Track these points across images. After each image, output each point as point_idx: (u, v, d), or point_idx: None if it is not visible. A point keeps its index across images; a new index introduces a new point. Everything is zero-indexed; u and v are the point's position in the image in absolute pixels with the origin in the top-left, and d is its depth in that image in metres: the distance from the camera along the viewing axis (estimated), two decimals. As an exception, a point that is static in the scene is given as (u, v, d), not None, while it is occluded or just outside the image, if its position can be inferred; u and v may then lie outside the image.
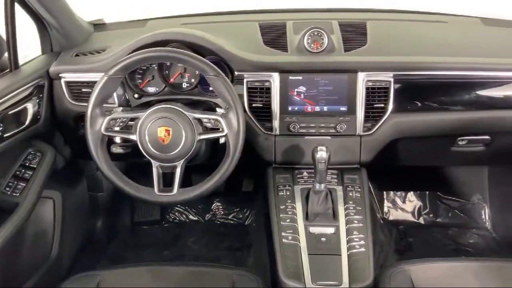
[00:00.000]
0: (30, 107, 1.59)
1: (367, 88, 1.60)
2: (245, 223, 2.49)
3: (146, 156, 1.41)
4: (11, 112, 1.49)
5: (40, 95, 1.65)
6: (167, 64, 1.67)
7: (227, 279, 1.39)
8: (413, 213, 2.48)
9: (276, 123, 1.65)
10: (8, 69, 1.61)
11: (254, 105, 1.64)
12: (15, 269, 1.68)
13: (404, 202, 2.50)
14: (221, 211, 2.54)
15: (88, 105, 1.38)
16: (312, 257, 1.40)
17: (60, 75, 1.68)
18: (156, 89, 1.68)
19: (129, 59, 1.37)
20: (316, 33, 1.63)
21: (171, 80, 1.67)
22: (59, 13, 1.70)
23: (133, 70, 1.52)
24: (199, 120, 1.40)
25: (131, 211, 2.48)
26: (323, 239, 1.45)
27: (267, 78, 1.62)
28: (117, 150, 1.54)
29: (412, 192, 2.51)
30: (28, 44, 1.79)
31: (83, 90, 1.68)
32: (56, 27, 1.72)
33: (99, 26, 2.00)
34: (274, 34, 1.77)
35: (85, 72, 1.66)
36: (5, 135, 1.46)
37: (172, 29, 1.67)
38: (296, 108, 1.64)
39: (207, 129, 1.42)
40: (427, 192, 2.50)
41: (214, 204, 2.55)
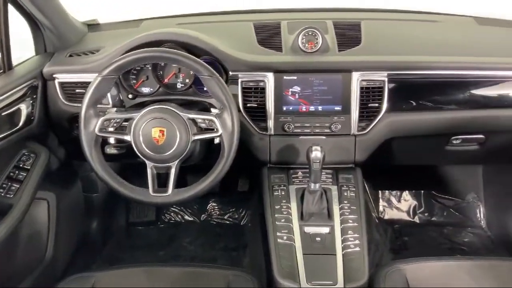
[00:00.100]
0: (24, 108, 1.58)
1: (361, 88, 1.60)
2: (241, 223, 2.49)
3: (141, 156, 1.41)
4: (4, 113, 1.49)
5: (34, 96, 1.64)
6: (161, 64, 1.66)
7: (223, 280, 1.39)
8: (408, 212, 2.48)
9: (270, 123, 1.65)
10: (1, 70, 1.60)
11: (248, 105, 1.64)
12: (10, 271, 1.67)
13: (399, 201, 2.51)
14: (217, 211, 2.54)
15: (81, 106, 1.38)
16: (307, 257, 1.40)
17: (54, 75, 1.67)
18: (151, 89, 1.68)
19: (123, 60, 1.37)
20: (310, 33, 1.63)
21: (166, 80, 1.67)
22: (53, 14, 1.69)
23: (127, 71, 1.52)
24: (194, 121, 1.40)
25: (126, 212, 2.47)
26: (318, 239, 1.45)
27: (262, 78, 1.62)
28: (111, 151, 1.54)
29: (407, 191, 2.52)
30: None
31: (77, 90, 1.67)
32: (49, 27, 1.72)
33: (93, 26, 1.99)
34: (269, 34, 1.77)
35: (79, 72, 1.66)
36: (-2, 136, 1.46)
37: (166, 29, 1.67)
38: (290, 108, 1.64)
39: (202, 130, 1.42)
40: (422, 191, 2.51)
41: (209, 204, 2.55)
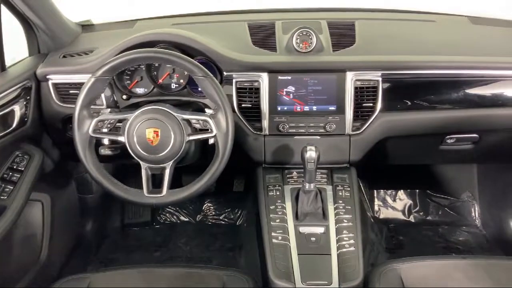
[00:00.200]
0: (17, 109, 1.57)
1: (355, 88, 1.60)
2: (237, 223, 2.49)
3: (135, 157, 1.41)
4: (-2, 115, 1.48)
5: (27, 97, 1.64)
6: (156, 65, 1.66)
7: (218, 280, 1.39)
8: (403, 212, 2.49)
9: (265, 123, 1.65)
10: (-5, 71, 1.60)
11: (243, 105, 1.64)
12: (4, 272, 1.67)
13: (394, 200, 2.51)
14: (212, 212, 2.53)
15: (75, 107, 1.37)
16: (302, 257, 1.40)
17: (48, 76, 1.67)
18: (145, 90, 1.68)
19: (116, 60, 1.37)
20: (304, 33, 1.64)
21: (160, 81, 1.67)
22: (46, 15, 1.69)
23: (121, 71, 1.52)
24: (188, 121, 1.40)
25: (121, 212, 2.46)
26: (313, 238, 1.45)
27: (256, 78, 1.62)
28: (105, 152, 1.53)
29: (402, 191, 2.52)
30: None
31: (70, 91, 1.67)
32: (43, 28, 1.71)
33: (86, 27, 1.99)
34: (263, 34, 1.77)
35: (72, 73, 1.65)
36: (-9, 138, 1.45)
37: (160, 29, 1.66)
38: (285, 108, 1.64)
39: (196, 130, 1.41)
40: (417, 191, 2.52)
41: (205, 205, 2.54)
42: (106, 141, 1.53)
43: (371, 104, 1.62)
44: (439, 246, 2.29)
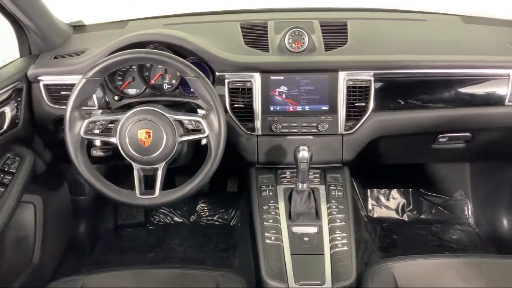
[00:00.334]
0: (8, 111, 1.56)
1: (348, 87, 1.60)
2: (231, 224, 2.48)
3: (127, 158, 1.40)
4: (-12, 116, 1.47)
5: (18, 99, 1.63)
6: (148, 65, 1.65)
7: (211, 281, 1.39)
8: (397, 210, 2.50)
9: (258, 123, 1.64)
10: (-15, 73, 1.59)
11: (235, 105, 1.63)
12: None
13: (388, 199, 2.52)
14: (206, 212, 2.53)
15: (66, 108, 1.37)
16: (295, 257, 1.40)
17: (39, 78, 1.66)
18: (137, 90, 1.67)
19: (107, 61, 1.36)
20: (297, 33, 1.63)
21: (152, 81, 1.66)
22: (37, 15, 1.68)
23: (113, 72, 1.51)
24: (180, 122, 1.39)
25: (115, 214, 2.45)
26: (306, 238, 1.45)
27: (249, 79, 1.62)
28: (97, 153, 1.52)
29: (395, 190, 2.53)
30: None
31: (62, 93, 1.66)
32: (33, 29, 1.70)
33: (78, 27, 1.97)
34: (255, 34, 1.77)
35: (63, 74, 1.64)
36: (-18, 140, 1.44)
37: (152, 30, 1.66)
38: (278, 108, 1.64)
39: (189, 131, 1.41)
40: (410, 189, 2.52)
41: (199, 205, 2.54)
42: (98, 142, 1.52)
43: (363, 104, 1.62)
44: (432, 244, 2.30)
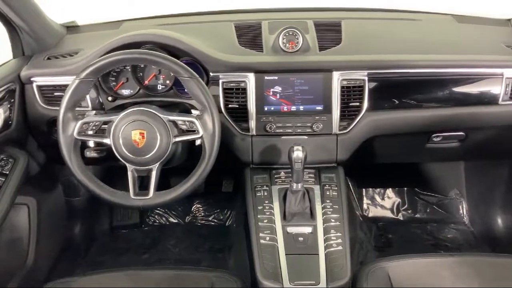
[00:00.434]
0: (1, 112, 1.55)
1: (342, 87, 1.60)
2: (226, 224, 2.48)
3: (121, 160, 1.40)
4: (-19, 118, 1.47)
5: (12, 100, 1.62)
6: (141, 66, 1.65)
7: (206, 281, 1.39)
8: (392, 210, 2.50)
9: (252, 124, 1.64)
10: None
11: (230, 106, 1.63)
12: None
13: (383, 199, 2.52)
14: (202, 213, 2.53)
15: (59, 109, 1.36)
16: (290, 257, 1.40)
17: (32, 79, 1.65)
18: (131, 91, 1.66)
19: (100, 62, 1.36)
20: (291, 33, 1.63)
21: (146, 82, 1.66)
22: (30, 16, 1.67)
23: (106, 73, 1.50)
24: (174, 122, 1.39)
25: (110, 215, 2.45)
26: (301, 238, 1.45)
27: (243, 79, 1.61)
28: (91, 154, 1.52)
29: (390, 189, 2.54)
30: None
31: (55, 94, 1.65)
32: (26, 30, 1.69)
33: (72, 28, 1.96)
34: (250, 34, 1.76)
35: (57, 75, 1.63)
36: (-25, 142, 1.43)
37: (146, 30, 1.65)
38: (272, 108, 1.64)
39: (183, 131, 1.41)
40: (405, 189, 2.53)
41: (194, 206, 2.54)
42: (91, 144, 1.51)
43: (357, 104, 1.62)
44: (427, 243, 2.30)
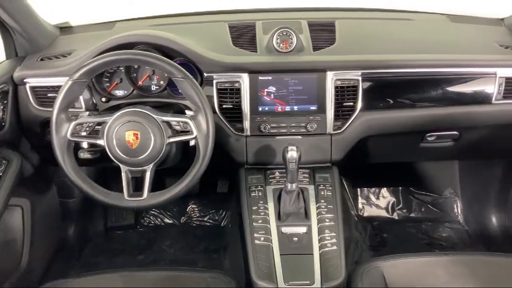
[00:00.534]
0: (-6, 114, 1.55)
1: (336, 87, 1.61)
2: (221, 225, 2.48)
3: (115, 160, 1.39)
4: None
5: (5, 101, 1.61)
6: (135, 66, 1.64)
7: (201, 282, 1.39)
8: (387, 209, 2.51)
9: (246, 124, 1.64)
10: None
11: (224, 106, 1.63)
12: None
13: (378, 198, 2.53)
14: (197, 213, 2.52)
15: (52, 110, 1.36)
16: (284, 257, 1.40)
17: (25, 80, 1.64)
18: (125, 92, 1.66)
19: (93, 63, 1.35)
20: (285, 33, 1.63)
21: (140, 83, 1.65)
22: (22, 17, 1.66)
23: (100, 74, 1.50)
24: (168, 123, 1.39)
25: (104, 216, 2.44)
26: (295, 239, 1.45)
27: (237, 79, 1.61)
28: (85, 155, 1.52)
29: (385, 188, 2.54)
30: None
31: (48, 95, 1.64)
32: (19, 31, 1.68)
33: (65, 29, 1.96)
34: (244, 34, 1.76)
35: (50, 76, 1.63)
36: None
37: (139, 31, 1.65)
38: (266, 109, 1.64)
39: (177, 132, 1.40)
40: (400, 188, 2.54)
41: (189, 207, 2.53)
42: (85, 145, 1.51)
43: (351, 103, 1.62)
44: (422, 242, 2.31)
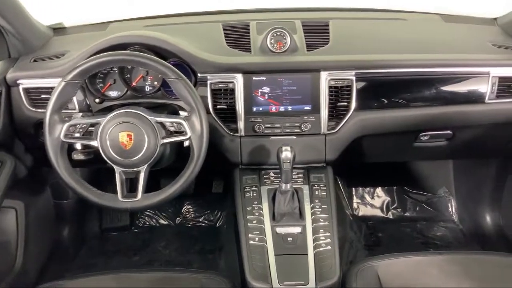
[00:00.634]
0: (-13, 116, 1.55)
1: (330, 87, 1.61)
2: (216, 225, 2.48)
3: (108, 162, 1.39)
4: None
5: None
6: (129, 67, 1.64)
7: (195, 283, 1.38)
8: (381, 209, 2.51)
9: (241, 124, 1.64)
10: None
11: (218, 106, 1.63)
12: None
13: (372, 198, 2.54)
14: (192, 214, 2.52)
15: (46, 111, 1.35)
16: (279, 257, 1.40)
17: (18, 81, 1.64)
18: (118, 93, 1.65)
19: (86, 64, 1.35)
20: (278, 33, 1.63)
21: (133, 83, 1.65)
22: (15, 18, 1.65)
23: (93, 74, 1.50)
24: (162, 124, 1.39)
25: (99, 217, 2.44)
26: (290, 239, 1.45)
27: (231, 79, 1.61)
28: (78, 156, 1.51)
29: (380, 188, 2.55)
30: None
31: (42, 96, 1.63)
32: (12, 32, 1.67)
33: (58, 30, 1.95)
34: (237, 34, 1.76)
35: (43, 78, 1.62)
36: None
37: (133, 31, 1.65)
38: (260, 109, 1.64)
39: (171, 133, 1.40)
40: (395, 187, 2.54)
41: (184, 207, 2.53)
42: (79, 146, 1.50)
43: (345, 103, 1.63)
44: (417, 242, 2.32)
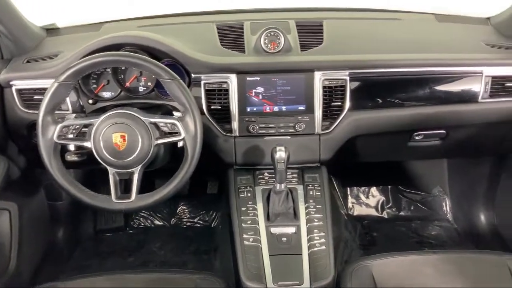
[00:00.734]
0: (-20, 117, 1.54)
1: (324, 87, 1.61)
2: (211, 226, 2.47)
3: (102, 163, 1.38)
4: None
5: None
6: (122, 68, 1.63)
7: (190, 284, 1.38)
8: (376, 208, 2.52)
9: (235, 125, 1.64)
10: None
11: (212, 107, 1.63)
12: None
13: (367, 197, 2.54)
14: (187, 215, 2.51)
15: (39, 113, 1.35)
16: (274, 257, 1.40)
17: (11, 82, 1.63)
18: (112, 93, 1.65)
19: (79, 65, 1.34)
20: (272, 33, 1.63)
21: (127, 84, 1.64)
22: (8, 19, 1.64)
23: (87, 75, 1.49)
24: (156, 125, 1.38)
25: (94, 218, 2.43)
26: (284, 239, 1.45)
27: (225, 80, 1.61)
28: (71, 158, 1.50)
29: (375, 187, 2.55)
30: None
31: (35, 97, 1.63)
32: (5, 33, 1.66)
33: (51, 30, 1.94)
34: (231, 35, 1.76)
35: (36, 78, 1.61)
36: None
37: (126, 32, 1.64)
38: (254, 109, 1.64)
39: (165, 133, 1.40)
40: (389, 187, 2.55)
41: (179, 208, 2.52)
42: (72, 147, 1.50)
43: (339, 103, 1.63)
44: (412, 241, 2.32)
